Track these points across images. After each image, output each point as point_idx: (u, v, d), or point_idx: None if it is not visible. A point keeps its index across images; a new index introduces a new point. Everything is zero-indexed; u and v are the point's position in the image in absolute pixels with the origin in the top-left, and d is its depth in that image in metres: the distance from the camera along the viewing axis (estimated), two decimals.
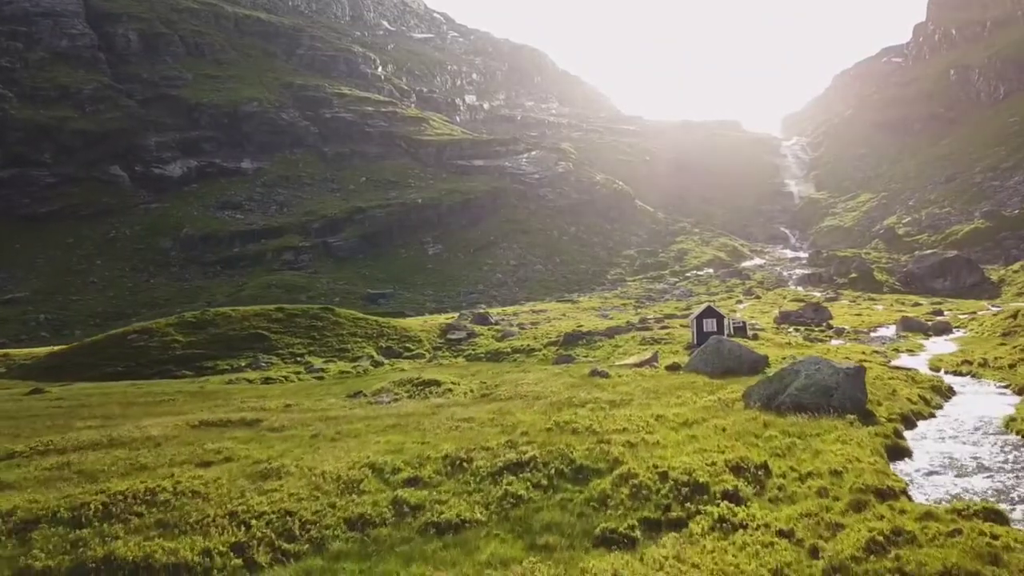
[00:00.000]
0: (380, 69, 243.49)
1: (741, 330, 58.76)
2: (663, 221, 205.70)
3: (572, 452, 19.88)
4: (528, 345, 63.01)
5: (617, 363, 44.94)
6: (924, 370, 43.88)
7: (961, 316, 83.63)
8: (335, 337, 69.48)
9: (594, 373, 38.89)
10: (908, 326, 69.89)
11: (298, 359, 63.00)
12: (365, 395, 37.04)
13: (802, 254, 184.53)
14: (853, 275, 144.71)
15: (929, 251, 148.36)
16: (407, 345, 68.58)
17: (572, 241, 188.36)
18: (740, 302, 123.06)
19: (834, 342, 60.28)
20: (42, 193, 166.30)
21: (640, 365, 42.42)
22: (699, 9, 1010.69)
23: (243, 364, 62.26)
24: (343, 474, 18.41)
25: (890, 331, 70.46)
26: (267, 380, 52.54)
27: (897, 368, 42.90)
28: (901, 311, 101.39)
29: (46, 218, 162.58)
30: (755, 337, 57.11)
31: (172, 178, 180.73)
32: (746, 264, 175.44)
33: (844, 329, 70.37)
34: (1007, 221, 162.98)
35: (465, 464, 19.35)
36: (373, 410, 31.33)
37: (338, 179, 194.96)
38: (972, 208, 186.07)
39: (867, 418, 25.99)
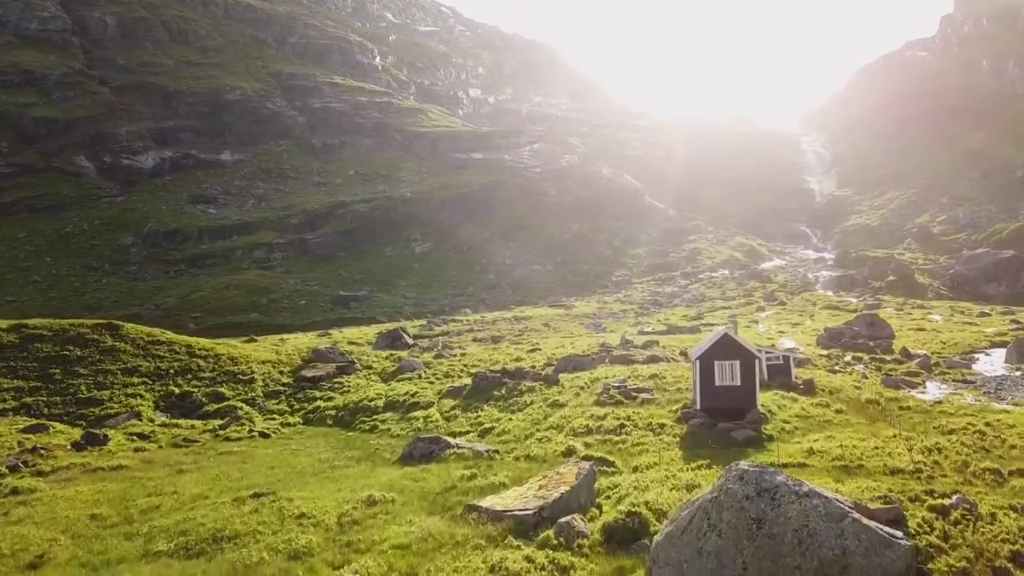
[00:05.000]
0: (378, 60, 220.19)
1: (781, 370, 35.12)
2: (675, 219, 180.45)
3: None
4: (411, 397, 38.85)
5: (504, 474, 20.14)
6: None
7: None
8: (95, 375, 43.26)
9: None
10: None
11: None
12: None
13: (827, 254, 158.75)
14: (891, 278, 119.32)
15: (982, 250, 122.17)
16: (221, 390, 43.44)
17: (575, 239, 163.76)
18: (762, 309, 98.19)
19: (933, 388, 36.07)
20: None
21: (535, 520, 16.44)
22: (711, 6, 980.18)
23: None
24: None
25: (995, 360, 45.69)
26: None
27: None
28: (969, 323, 76.39)
29: None
30: (806, 389, 32.22)
31: (143, 170, 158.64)
32: (765, 265, 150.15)
33: (925, 357, 45.62)
34: None
35: None
36: None
37: (324, 172, 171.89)
38: (1015, 205, 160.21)
39: None
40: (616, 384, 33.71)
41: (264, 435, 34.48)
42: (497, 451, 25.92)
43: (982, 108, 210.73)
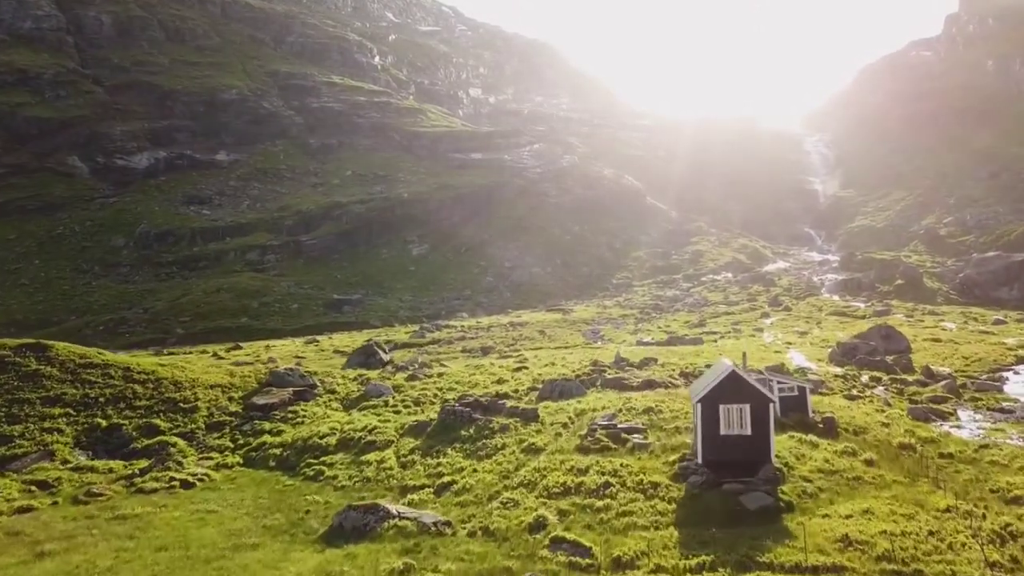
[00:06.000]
0: (377, 59, 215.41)
1: (796, 404, 29.64)
2: (677, 220, 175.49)
3: None
4: (368, 434, 33.48)
5: (449, 566, 15.56)
6: None
7: None
8: (9, 405, 36.65)
9: None
10: None
11: None
12: None
13: (831, 257, 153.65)
14: (899, 282, 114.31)
15: (992, 253, 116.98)
16: (156, 422, 37.23)
17: (575, 241, 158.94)
18: (766, 315, 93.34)
19: (967, 420, 31.17)
20: None
21: None
22: (713, 5, 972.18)
23: None
24: None
25: None
26: None
27: None
28: (985, 332, 71.71)
29: None
30: (826, 429, 27.06)
31: (137, 170, 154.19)
32: (769, 268, 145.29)
33: (950, 379, 40.81)
34: None
35: None
36: None
37: (321, 172, 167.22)
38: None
39: None
40: (604, 421, 28.96)
41: (186, 484, 29.68)
42: (449, 523, 21.28)
43: (988, 108, 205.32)
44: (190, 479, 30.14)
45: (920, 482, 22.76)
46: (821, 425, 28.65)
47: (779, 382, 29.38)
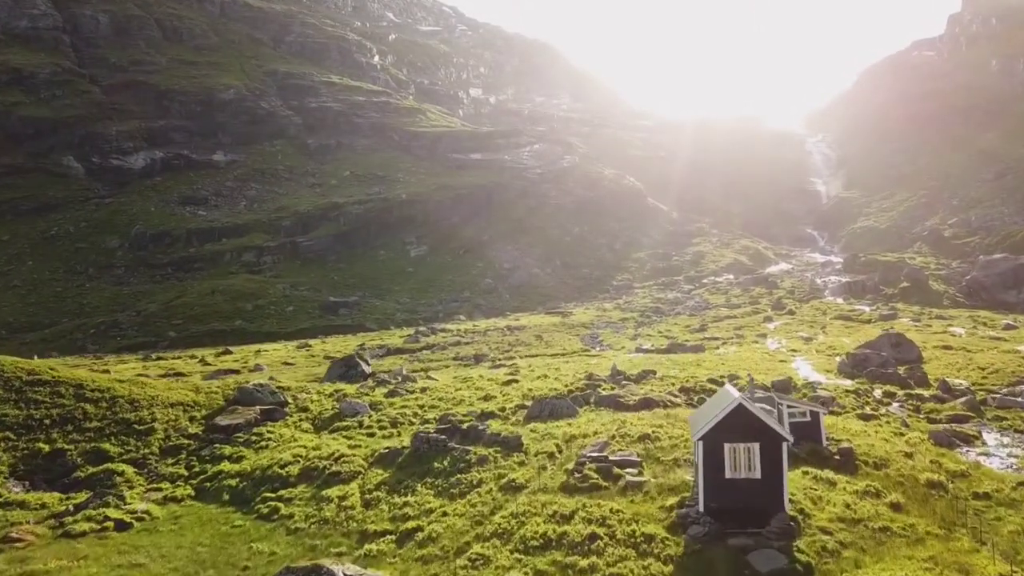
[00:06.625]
0: (377, 59, 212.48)
1: (808, 430, 25.99)
2: (678, 221, 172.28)
3: None
4: (334, 463, 29.95)
5: None
6: None
7: None
8: None
9: None
10: None
11: None
12: None
13: (834, 258, 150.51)
14: (904, 284, 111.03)
15: (999, 256, 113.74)
16: (105, 447, 33.08)
17: (575, 242, 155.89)
18: (769, 319, 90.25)
19: (994, 443, 28.11)
20: None
21: None
22: (715, 5, 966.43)
23: None
24: None
25: None
26: None
27: None
28: (996, 338, 68.92)
29: None
30: (843, 461, 23.76)
31: (133, 170, 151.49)
32: (771, 269, 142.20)
33: (969, 394, 37.78)
34: None
35: None
36: None
37: (320, 173, 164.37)
38: None
39: None
40: (594, 453, 25.96)
41: (122, 525, 26.34)
42: None
43: (992, 108, 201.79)
44: (127, 518, 26.93)
45: (958, 533, 19.74)
46: (837, 457, 25.58)
47: (789, 406, 26.28)
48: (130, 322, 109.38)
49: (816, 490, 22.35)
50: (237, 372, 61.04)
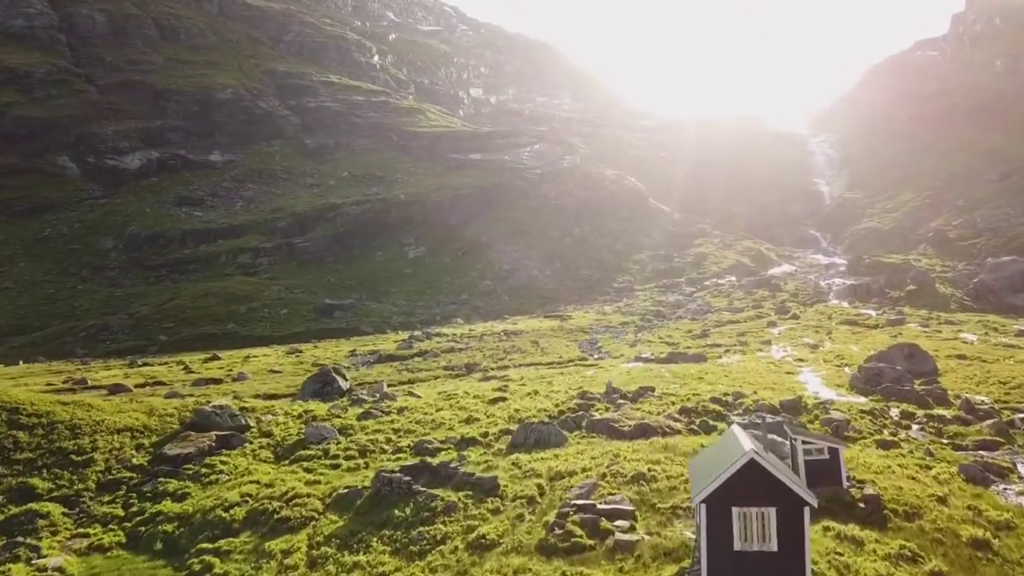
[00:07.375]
0: (376, 58, 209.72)
1: (826, 470, 22.13)
2: (680, 222, 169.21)
3: None
4: (286, 505, 26.48)
5: None
6: None
7: None
8: None
9: None
10: None
11: None
12: None
13: (838, 260, 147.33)
14: (911, 287, 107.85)
15: (1008, 258, 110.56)
16: (33, 482, 29.27)
17: (576, 243, 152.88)
18: (773, 324, 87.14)
19: None
20: None
21: None
22: (716, 4, 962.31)
23: None
24: None
25: None
26: None
27: None
28: (1010, 345, 65.99)
29: None
30: (870, 511, 20.38)
31: (128, 170, 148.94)
32: (774, 271, 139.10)
33: (996, 416, 34.81)
34: None
35: None
36: None
37: (317, 173, 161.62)
38: None
39: None
40: (580, 499, 22.47)
41: None
42: None
43: (996, 108, 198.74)
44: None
45: None
46: (863, 505, 21.74)
47: (804, 441, 22.97)
48: (121, 325, 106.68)
49: (842, 555, 18.75)
50: (220, 381, 58.19)
